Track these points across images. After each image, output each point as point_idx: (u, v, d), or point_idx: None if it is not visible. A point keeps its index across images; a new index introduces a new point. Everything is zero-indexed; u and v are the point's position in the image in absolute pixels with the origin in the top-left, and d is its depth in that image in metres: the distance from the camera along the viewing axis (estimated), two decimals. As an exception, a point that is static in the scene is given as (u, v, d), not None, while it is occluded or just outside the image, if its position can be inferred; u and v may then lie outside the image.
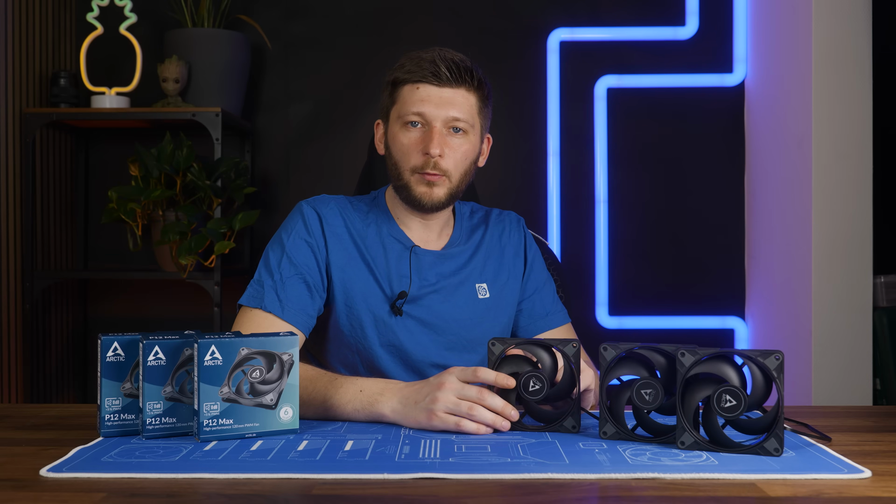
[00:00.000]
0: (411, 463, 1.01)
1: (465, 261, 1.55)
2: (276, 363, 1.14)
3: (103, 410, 1.15)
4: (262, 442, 1.11)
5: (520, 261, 1.61)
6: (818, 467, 1.00)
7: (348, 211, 1.52)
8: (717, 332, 2.89)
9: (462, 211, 1.62)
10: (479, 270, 1.55)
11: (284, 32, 2.93)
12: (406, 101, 1.46)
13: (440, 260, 1.52)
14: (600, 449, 1.09)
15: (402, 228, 1.53)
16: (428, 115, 1.44)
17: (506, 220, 1.63)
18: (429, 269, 1.51)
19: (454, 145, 1.46)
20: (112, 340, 1.16)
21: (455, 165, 1.46)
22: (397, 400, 1.21)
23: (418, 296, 1.49)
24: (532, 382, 1.18)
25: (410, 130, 1.46)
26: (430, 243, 1.54)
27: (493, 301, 1.54)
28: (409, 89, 1.46)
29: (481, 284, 1.54)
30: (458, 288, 1.52)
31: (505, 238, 1.60)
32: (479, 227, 1.60)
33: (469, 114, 1.47)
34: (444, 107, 1.44)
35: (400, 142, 1.47)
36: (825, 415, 1.36)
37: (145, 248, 2.80)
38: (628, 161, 2.91)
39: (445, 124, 1.45)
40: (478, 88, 1.48)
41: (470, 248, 1.57)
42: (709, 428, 1.08)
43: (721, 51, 2.89)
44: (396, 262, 1.50)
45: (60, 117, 2.62)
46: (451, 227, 1.58)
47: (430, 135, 1.44)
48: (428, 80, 1.44)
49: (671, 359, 1.12)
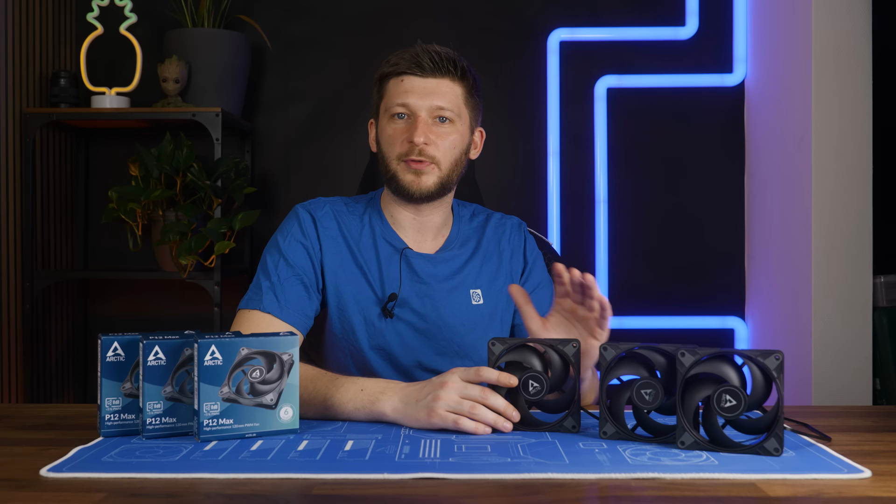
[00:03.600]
0: (411, 463, 1.01)
1: (461, 265, 1.54)
2: (276, 363, 1.14)
3: (103, 410, 1.15)
4: (262, 442, 1.11)
5: (518, 263, 1.59)
6: (818, 467, 1.00)
7: (343, 213, 1.53)
8: (717, 332, 2.89)
9: (461, 213, 1.60)
10: (474, 275, 1.54)
11: (284, 32, 2.93)
12: (391, 94, 1.48)
13: (433, 263, 1.51)
14: (600, 449, 1.09)
15: (395, 230, 1.53)
16: (412, 105, 1.46)
17: (507, 224, 1.62)
18: (421, 273, 1.50)
19: (440, 133, 1.46)
20: (112, 340, 1.16)
21: (443, 153, 1.46)
22: (399, 398, 1.21)
23: (409, 299, 1.48)
24: (531, 383, 1.18)
25: (396, 122, 1.47)
26: (424, 245, 1.53)
27: (487, 308, 1.53)
28: (394, 82, 1.48)
29: (476, 290, 1.53)
30: (451, 293, 1.51)
31: (504, 242, 1.59)
32: (477, 232, 1.59)
33: (454, 103, 1.47)
34: (427, 96, 1.45)
35: (386, 133, 1.48)
36: (825, 415, 1.36)
37: (145, 248, 2.80)
38: (628, 161, 2.91)
39: (430, 114, 1.46)
40: (462, 78, 1.49)
41: (466, 253, 1.55)
42: (709, 428, 1.08)
43: (721, 51, 2.89)
44: (388, 265, 1.49)
45: (60, 117, 2.62)
46: (448, 229, 1.57)
47: (415, 124, 1.45)
48: (411, 71, 1.46)
49: (671, 359, 1.12)
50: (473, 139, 1.55)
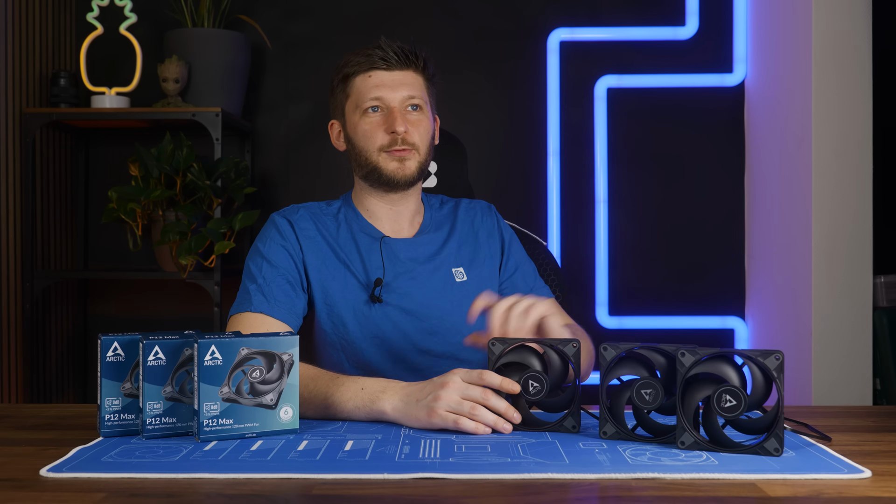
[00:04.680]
0: (411, 463, 1.01)
1: (439, 246, 1.58)
2: (276, 363, 1.14)
3: (103, 410, 1.15)
4: (262, 442, 1.11)
5: (495, 242, 1.63)
6: (818, 467, 1.00)
7: (318, 215, 1.57)
8: (717, 332, 2.89)
9: (431, 202, 1.65)
10: (454, 255, 1.58)
11: (284, 32, 2.93)
12: (361, 91, 1.52)
13: (412, 246, 1.56)
14: (600, 449, 1.09)
15: (371, 221, 1.57)
16: (386, 98, 1.50)
17: (476, 206, 1.67)
18: (402, 256, 1.54)
19: (414, 121, 1.52)
20: (112, 340, 1.16)
21: (421, 139, 1.52)
22: (399, 398, 1.21)
23: (394, 282, 1.51)
24: (531, 384, 1.18)
25: (371, 116, 1.51)
26: (401, 232, 1.58)
27: (471, 284, 1.56)
28: (361, 79, 1.52)
29: (458, 269, 1.57)
30: (433, 273, 1.55)
31: (477, 223, 1.64)
32: (450, 216, 1.64)
33: (420, 92, 1.54)
34: (398, 88, 1.51)
35: (362, 128, 1.52)
36: (825, 415, 1.36)
37: (145, 248, 2.80)
38: (628, 161, 2.91)
39: (403, 104, 1.51)
40: (423, 70, 1.55)
41: (442, 235, 1.60)
42: (709, 428, 1.08)
43: (721, 51, 2.89)
44: (369, 254, 1.53)
45: (60, 117, 2.62)
46: (421, 217, 1.61)
47: (393, 115, 1.50)
48: (378, 66, 1.51)
49: (671, 359, 1.12)
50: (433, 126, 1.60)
